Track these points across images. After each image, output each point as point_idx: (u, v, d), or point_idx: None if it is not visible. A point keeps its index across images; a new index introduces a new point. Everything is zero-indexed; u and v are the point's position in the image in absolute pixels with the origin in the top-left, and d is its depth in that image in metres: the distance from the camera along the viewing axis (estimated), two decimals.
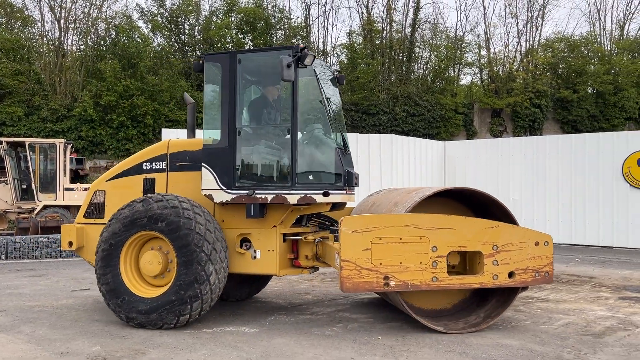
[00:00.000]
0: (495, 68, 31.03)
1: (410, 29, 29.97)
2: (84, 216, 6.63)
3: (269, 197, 5.71)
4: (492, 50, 31.81)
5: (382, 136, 14.57)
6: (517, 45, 31.73)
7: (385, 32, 30.15)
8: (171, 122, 24.43)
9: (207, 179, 5.88)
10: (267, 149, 6.07)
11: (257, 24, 28.26)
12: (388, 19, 30.05)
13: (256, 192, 5.73)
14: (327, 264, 6.14)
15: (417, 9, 29.92)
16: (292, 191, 5.66)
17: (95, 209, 6.56)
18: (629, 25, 33.74)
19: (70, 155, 16.66)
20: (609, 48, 32.42)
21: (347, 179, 5.92)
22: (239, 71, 5.93)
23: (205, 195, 5.92)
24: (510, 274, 5.38)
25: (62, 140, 15.49)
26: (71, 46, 27.00)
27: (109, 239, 5.79)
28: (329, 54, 30.80)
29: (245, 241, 6.10)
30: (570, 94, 29.19)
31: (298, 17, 37.41)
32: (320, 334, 5.53)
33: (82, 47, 26.67)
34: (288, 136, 5.83)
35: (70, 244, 6.51)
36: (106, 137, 23.67)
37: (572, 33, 32.84)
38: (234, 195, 5.79)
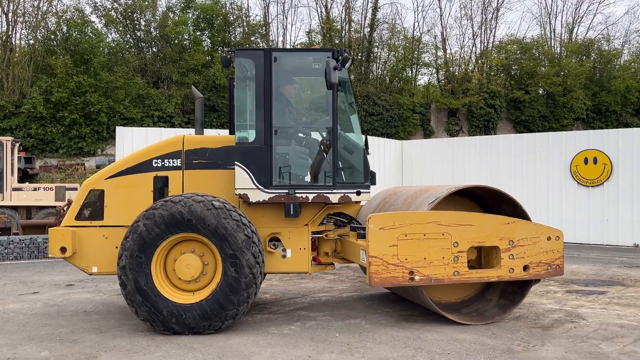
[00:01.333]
0: (451, 69, 31.73)
1: (368, 29, 30.29)
2: (76, 218, 5.98)
3: (310, 197, 5.80)
4: (448, 51, 32.55)
5: None
6: (472, 47, 32.58)
7: (344, 32, 30.36)
8: (126, 120, 23.86)
9: (242, 178, 5.77)
10: (304, 148, 6.12)
11: (215, 21, 27.93)
12: (347, 19, 30.28)
13: (297, 191, 5.78)
14: (347, 260, 6.34)
15: (376, 9, 30.30)
16: (334, 190, 5.85)
17: (91, 210, 6.03)
18: (578, 28, 35.09)
19: (18, 153, 16.03)
20: (558, 51, 33.65)
21: (371, 178, 6.17)
22: (274, 69, 5.89)
23: (239, 194, 5.80)
24: (525, 267, 5.65)
25: (10, 138, 14.87)
26: (19, 40, 25.99)
27: (170, 217, 5.32)
28: None
29: (272, 240, 6.09)
30: (523, 94, 30.16)
31: (257, 15, 37.23)
32: (278, 332, 5.52)
33: (32, 41, 25.71)
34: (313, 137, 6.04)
35: (64, 249, 5.82)
36: (57, 135, 22.90)
37: (524, 36, 33.88)
38: (272, 195, 5.78)
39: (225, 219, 5.36)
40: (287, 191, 5.79)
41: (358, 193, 5.98)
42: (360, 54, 30.12)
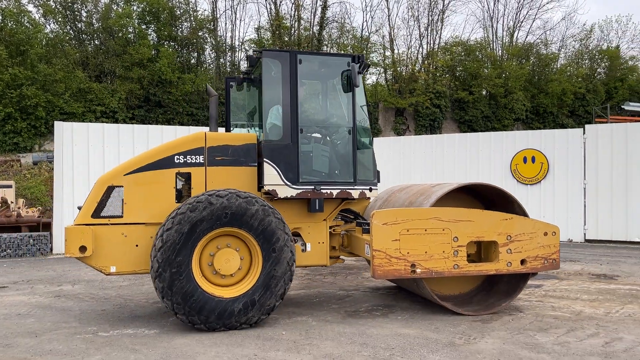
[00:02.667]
0: (398, 69, 32.25)
1: (318, 27, 30.36)
2: (92, 216, 5.73)
3: (334, 192, 6.17)
4: (395, 51, 33.05)
5: None
6: (419, 48, 33.24)
7: (293, 29, 30.30)
8: (66, 115, 22.90)
9: (271, 174, 5.98)
10: (326, 146, 6.46)
11: (161, 15, 27.22)
12: (296, 16, 30.23)
13: (321, 187, 6.09)
14: (354, 254, 6.70)
15: (325, 7, 30.38)
16: (355, 187, 6.26)
17: (109, 207, 5.79)
18: (518, 32, 36.35)
19: None
20: (500, 53, 34.85)
21: (378, 176, 6.64)
22: (300, 71, 6.19)
23: (267, 191, 6.00)
24: (522, 261, 5.94)
25: None
26: None
27: (223, 209, 5.40)
28: (237, 49, 30.41)
29: (292, 235, 6.21)
30: (467, 95, 31.05)
31: (205, 10, 36.53)
32: (224, 331, 5.45)
33: None
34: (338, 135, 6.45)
35: (83, 249, 5.57)
36: None
37: (468, 38, 34.89)
38: (299, 191, 6.05)
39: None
40: (313, 187, 6.06)
41: (370, 189, 6.39)
42: None
